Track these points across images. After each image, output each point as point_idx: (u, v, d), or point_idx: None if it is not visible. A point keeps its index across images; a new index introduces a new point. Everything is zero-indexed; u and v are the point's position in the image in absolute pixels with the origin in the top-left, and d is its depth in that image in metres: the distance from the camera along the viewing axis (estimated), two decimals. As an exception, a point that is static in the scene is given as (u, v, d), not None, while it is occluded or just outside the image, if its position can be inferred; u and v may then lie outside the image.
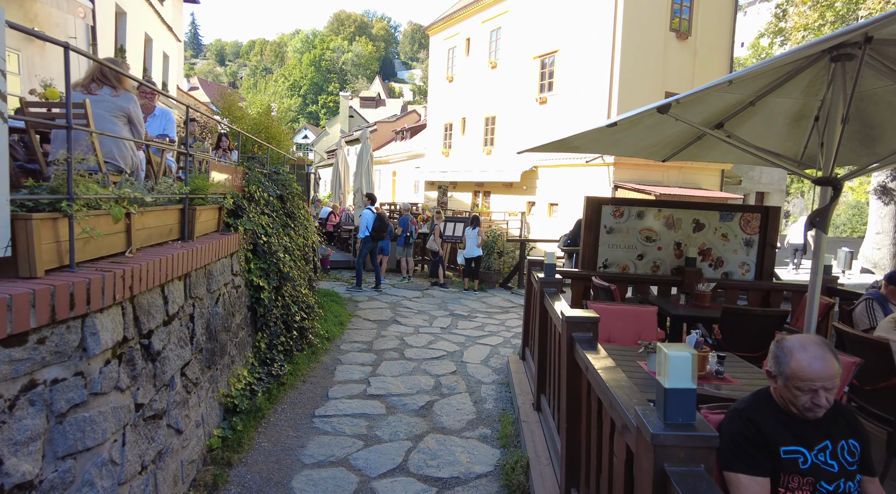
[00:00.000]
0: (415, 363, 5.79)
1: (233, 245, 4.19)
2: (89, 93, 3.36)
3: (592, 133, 4.40)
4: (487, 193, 21.73)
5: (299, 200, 6.88)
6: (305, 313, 5.80)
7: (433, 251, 10.80)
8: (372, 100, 67.40)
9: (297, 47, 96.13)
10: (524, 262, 10.92)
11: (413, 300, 9.23)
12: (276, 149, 8.50)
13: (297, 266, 5.98)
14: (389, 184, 32.61)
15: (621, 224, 5.48)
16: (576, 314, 2.69)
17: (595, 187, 16.60)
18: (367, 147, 14.16)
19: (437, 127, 25.39)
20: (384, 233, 9.79)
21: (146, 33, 14.78)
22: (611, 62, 15.94)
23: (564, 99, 17.77)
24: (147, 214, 2.88)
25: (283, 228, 5.70)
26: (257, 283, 4.75)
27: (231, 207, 4.39)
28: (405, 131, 33.62)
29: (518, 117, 19.75)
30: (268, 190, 5.41)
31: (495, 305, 9.28)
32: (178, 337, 3.00)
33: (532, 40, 19.17)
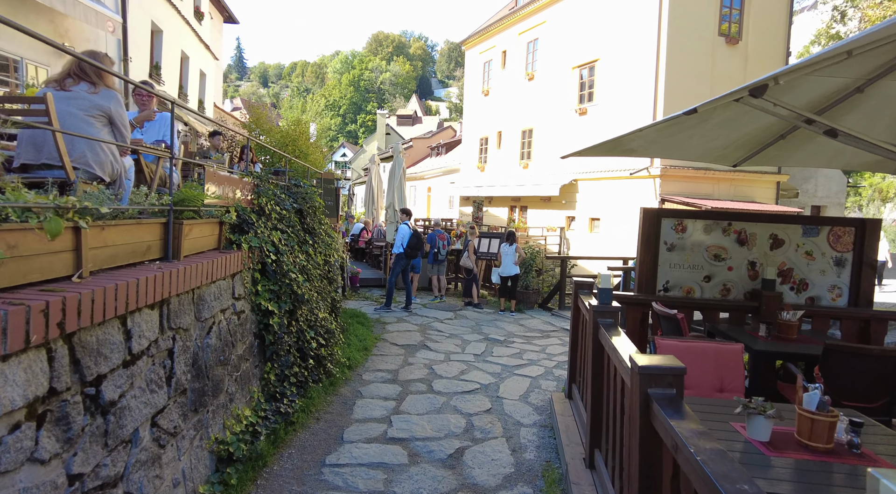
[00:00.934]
0: (444, 398, 5.11)
1: (234, 264, 3.65)
2: (62, 89, 2.90)
3: (653, 130, 3.69)
4: (524, 208, 20.98)
5: (322, 215, 6.37)
6: (324, 339, 5.22)
7: (467, 268, 10.14)
8: (409, 117, 67.90)
9: (337, 68, 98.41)
10: (565, 281, 10.13)
11: (445, 322, 8.57)
12: (300, 162, 8.08)
13: (315, 287, 5.44)
14: (424, 200, 32.24)
15: (684, 240, 4.71)
16: (653, 363, 1.99)
17: (639, 201, 15.66)
18: (399, 161, 13.70)
19: (473, 141, 24.91)
20: (418, 251, 9.22)
21: (182, 51, 14.87)
22: (655, 70, 15.10)
23: (605, 109, 16.97)
24: (110, 230, 2.35)
25: (300, 245, 5.17)
26: (266, 307, 4.20)
27: (234, 222, 3.87)
28: (440, 147, 33.30)
29: (556, 129, 19.03)
30: (282, 203, 4.90)
31: (534, 329, 8.52)
32: (146, 379, 2.44)
33: (571, 50, 18.51)
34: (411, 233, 9.17)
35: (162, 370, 2.61)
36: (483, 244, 10.82)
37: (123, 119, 3.09)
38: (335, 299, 6.88)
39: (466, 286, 10.28)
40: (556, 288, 10.19)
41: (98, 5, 8.27)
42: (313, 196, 5.98)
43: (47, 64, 8.18)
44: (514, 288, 9.71)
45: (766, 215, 4.73)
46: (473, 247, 10.05)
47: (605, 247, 16.49)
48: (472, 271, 10.09)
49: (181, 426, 2.80)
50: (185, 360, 2.87)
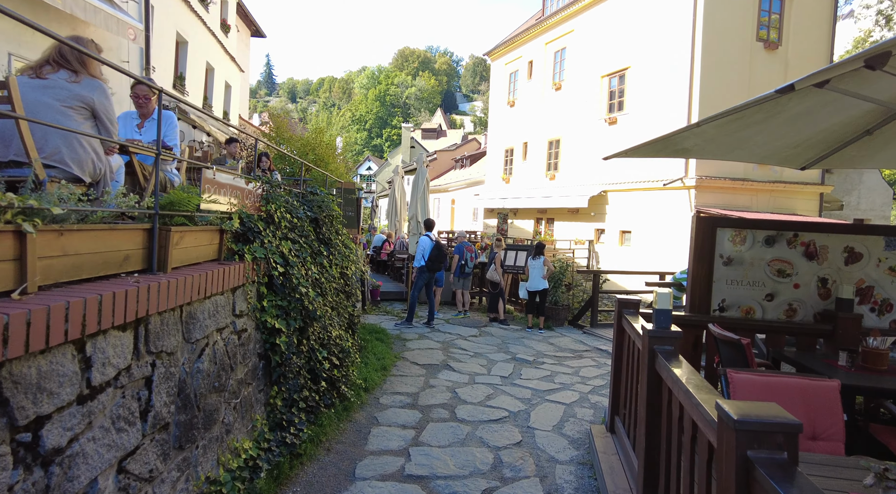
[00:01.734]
0: (469, 427, 4.60)
1: (235, 277, 3.25)
2: (39, 77, 2.56)
3: (712, 127, 3.18)
4: (551, 220, 20.40)
5: (339, 225, 5.98)
6: (338, 359, 4.79)
7: (493, 282, 9.63)
8: (433, 131, 68.08)
9: (364, 83, 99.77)
10: (598, 297, 9.54)
11: (469, 339, 8.07)
12: (319, 170, 7.75)
13: (329, 302, 5.02)
14: (448, 213, 31.88)
15: (743, 253, 4.14)
16: (752, 414, 1.47)
17: (673, 213, 14.98)
18: (422, 172, 13.33)
19: (498, 153, 24.50)
20: (441, 264, 8.76)
21: (208, 62, 14.88)
22: (689, 76, 14.49)
23: (637, 118, 16.37)
24: (72, 236, 1.96)
25: (314, 257, 4.77)
26: (272, 325, 3.79)
27: (238, 230, 3.48)
28: (465, 159, 33.00)
29: (585, 139, 18.49)
30: (295, 211, 4.52)
31: (565, 348, 7.95)
32: (112, 415, 2.02)
33: (600, 59, 18.02)
34: (433, 244, 8.73)
35: (135, 403, 2.19)
36: (509, 257, 10.31)
37: (109, 112, 2.74)
38: (353, 314, 6.46)
39: (492, 301, 9.77)
40: (588, 304, 9.59)
41: (119, 13, 8.15)
42: (330, 204, 5.60)
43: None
44: (543, 304, 9.15)
45: (840, 225, 4.13)
46: (500, 259, 9.55)
47: (637, 261, 15.80)
48: (499, 285, 9.57)
49: (160, 468, 2.37)
50: (167, 389, 2.45)
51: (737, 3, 14.39)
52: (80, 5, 7.38)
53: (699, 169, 14.42)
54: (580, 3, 18.84)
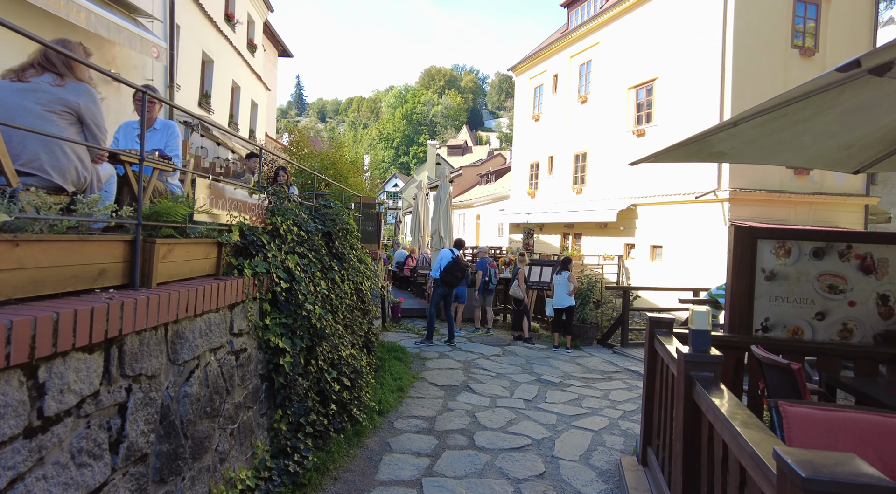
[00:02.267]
0: (488, 456, 4.27)
1: (232, 293, 3.04)
2: (20, 81, 2.42)
3: (750, 127, 2.86)
4: (578, 235, 19.93)
5: (354, 239, 5.78)
6: (349, 380, 4.53)
7: (517, 298, 9.28)
8: (459, 147, 68.28)
9: (391, 102, 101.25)
10: (628, 315, 9.08)
11: (491, 358, 7.73)
12: (337, 184, 7.61)
13: (341, 319, 4.79)
14: (473, 228, 31.64)
15: (789, 267, 3.75)
16: (828, 472, 1.15)
17: (706, 227, 14.40)
18: (445, 187, 13.16)
19: (523, 167, 24.22)
20: (457, 278, 8.48)
21: (234, 81, 15.10)
22: (720, 85, 14.01)
23: (665, 129, 15.91)
24: (30, 247, 1.77)
25: (324, 272, 4.56)
26: (276, 344, 3.57)
27: (238, 243, 3.29)
28: (490, 174, 32.82)
29: (612, 152, 18.07)
30: (304, 224, 4.32)
31: (594, 369, 7.53)
32: (73, 449, 1.80)
33: (626, 70, 17.68)
34: (452, 258, 8.46)
35: (104, 433, 1.97)
36: (534, 272, 9.96)
37: (97, 118, 2.58)
38: (369, 332, 6.22)
39: (516, 318, 9.41)
40: (618, 322, 9.14)
41: (143, 31, 8.25)
42: (344, 218, 5.40)
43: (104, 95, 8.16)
44: (570, 322, 8.75)
45: (899, 235, 3.71)
46: (523, 275, 9.20)
47: (669, 276, 15.20)
48: (523, 302, 9.22)
49: (134, 506, 2.14)
50: (146, 416, 2.23)
51: (769, 11, 13.92)
52: (104, 24, 7.48)
53: (733, 181, 13.85)
54: (606, 15, 18.60)
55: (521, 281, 9.10)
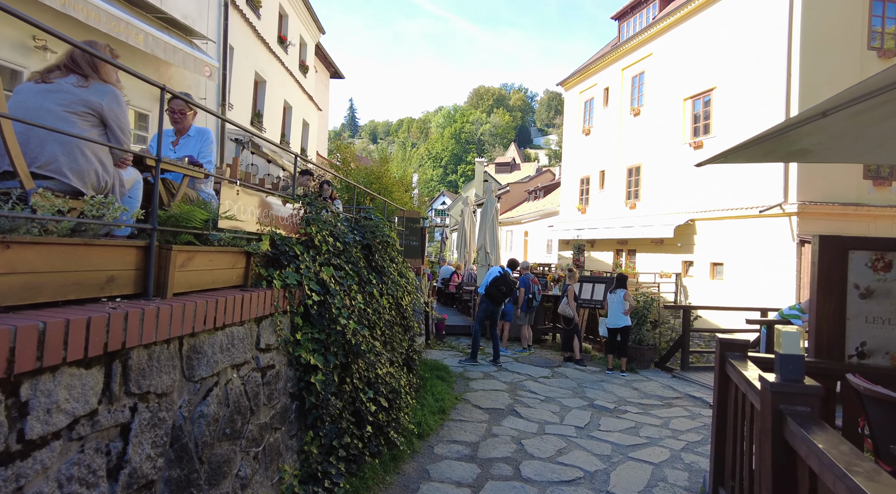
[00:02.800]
0: (535, 489, 3.88)
1: (260, 306, 2.86)
2: (44, 82, 2.33)
3: (843, 117, 2.44)
4: (632, 252, 19.12)
5: (394, 252, 5.57)
6: (387, 400, 4.27)
7: (566, 317, 8.80)
8: (507, 165, 68.22)
9: (440, 122, 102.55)
10: (689, 336, 8.43)
11: (540, 381, 7.29)
12: (380, 197, 7.48)
13: (379, 335, 4.56)
14: (521, 244, 31.11)
15: (889, 282, 3.23)
16: None
17: (771, 243, 13.44)
18: (491, 202, 12.87)
19: (573, 182, 23.64)
20: (501, 292, 8.13)
21: (286, 101, 15.49)
22: (786, 94, 13.15)
23: (725, 140, 15.07)
24: (23, 249, 1.61)
25: (362, 285, 4.35)
26: (307, 361, 3.36)
27: (269, 253, 3.12)
28: (538, 190, 32.31)
29: (667, 165, 17.32)
30: (341, 236, 4.15)
31: (652, 394, 6.96)
32: (61, 477, 1.61)
33: (681, 81, 16.99)
34: (500, 273, 8.13)
35: (101, 458, 1.78)
36: (585, 290, 9.48)
37: (121, 120, 2.47)
38: (411, 349, 5.97)
39: (566, 338, 8.93)
40: (678, 344, 8.50)
41: (197, 52, 8.51)
42: (385, 230, 5.21)
43: (149, 109, 8.48)
44: (625, 344, 8.18)
45: None
46: (573, 292, 8.74)
47: (731, 295, 14.25)
48: (573, 321, 8.73)
49: (136, 540, 1.93)
50: (153, 439, 2.03)
51: (841, 12, 13.01)
52: (161, 46, 7.73)
53: (801, 193, 12.88)
54: (659, 25, 18.02)
55: (571, 298, 8.64)
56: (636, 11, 20.78)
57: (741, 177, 14.40)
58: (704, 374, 8.06)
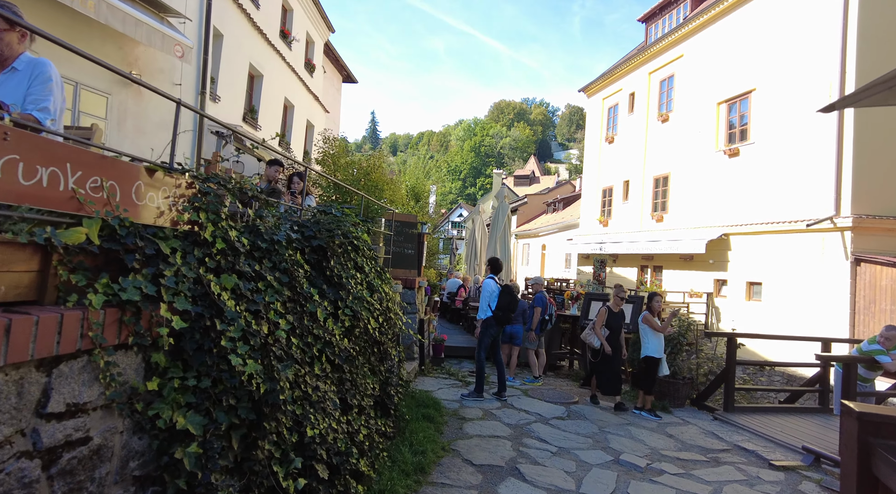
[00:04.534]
0: None
1: (53, 337, 1.62)
2: None
3: None
4: (658, 268, 17.59)
5: (364, 259, 4.31)
6: (328, 468, 2.99)
7: (592, 348, 7.05)
8: (526, 178, 66.87)
9: (460, 136, 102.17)
10: (735, 369, 6.97)
11: (551, 423, 5.92)
12: (363, 194, 6.26)
13: (322, 373, 3.28)
14: (538, 258, 29.66)
15: None
16: None
17: (820, 261, 11.87)
18: (504, 209, 11.61)
19: (594, 193, 22.22)
20: (512, 314, 6.83)
21: (286, 99, 14.48)
22: (840, 92, 11.65)
23: (765, 147, 13.62)
24: None
25: (298, 303, 3.09)
26: (174, 422, 2.10)
27: (93, 248, 1.90)
28: (557, 202, 30.90)
29: (699, 175, 15.87)
30: (266, 232, 2.91)
31: (692, 444, 5.54)
32: None
33: (715, 83, 15.59)
34: (500, 289, 6.82)
35: None
36: (594, 310, 8.10)
37: None
38: (390, 383, 4.69)
39: (603, 378, 6.88)
40: (721, 378, 7.02)
41: (166, 28, 7.46)
42: (347, 226, 3.95)
43: (108, 92, 7.43)
44: (647, 378, 6.68)
45: None
46: (604, 317, 6.92)
47: (769, 319, 12.72)
48: (600, 353, 6.85)
49: None
50: None
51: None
52: (119, 17, 6.69)
53: (856, 205, 11.32)
54: (690, 25, 16.68)
55: (600, 324, 6.97)
56: (665, 12, 19.49)
57: (784, 187, 12.89)
58: (753, 418, 6.61)
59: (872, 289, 10.99)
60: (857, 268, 11.28)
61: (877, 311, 10.87)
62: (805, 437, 5.87)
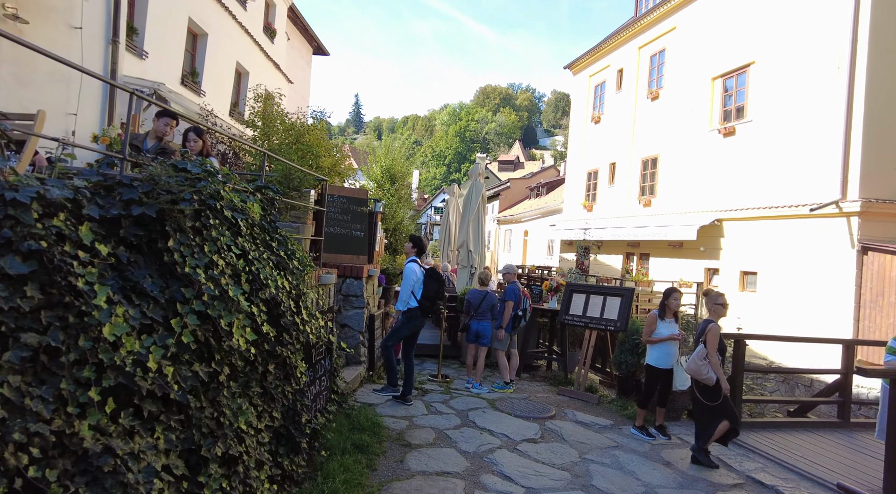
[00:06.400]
0: None
1: None
2: None
3: None
4: (645, 256, 16.54)
5: (249, 240, 3.00)
6: None
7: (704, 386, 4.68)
8: (510, 163, 65.63)
9: (445, 120, 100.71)
10: (743, 378, 5.83)
11: (520, 449, 4.71)
12: (284, 160, 4.93)
13: (163, 415, 2.00)
14: (520, 245, 28.52)
15: None
16: None
17: (822, 249, 10.85)
18: (477, 187, 10.35)
19: (579, 176, 21.05)
20: (434, 305, 5.65)
21: (238, 64, 12.95)
22: (849, 65, 10.52)
23: (764, 125, 12.52)
24: None
25: (79, 312, 1.80)
26: None
27: None
28: (540, 187, 29.72)
29: (690, 156, 14.76)
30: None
31: (695, 476, 4.39)
32: None
33: (711, 57, 14.43)
34: (424, 273, 5.62)
35: None
36: (576, 303, 6.91)
37: None
38: (297, 408, 3.44)
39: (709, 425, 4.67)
40: (725, 388, 5.87)
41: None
42: (212, 191, 2.63)
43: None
44: (645, 389, 5.50)
45: None
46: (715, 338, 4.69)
47: (765, 312, 11.76)
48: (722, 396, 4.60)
49: None
50: None
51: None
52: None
53: (865, 188, 10.27)
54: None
55: (714, 349, 4.67)
56: (657, -19, 18.21)
57: (784, 168, 11.81)
58: (764, 436, 5.50)
59: (881, 281, 9.98)
60: (864, 258, 10.26)
61: (885, 305, 9.88)
62: (832, 464, 4.77)
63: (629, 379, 6.68)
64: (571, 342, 8.01)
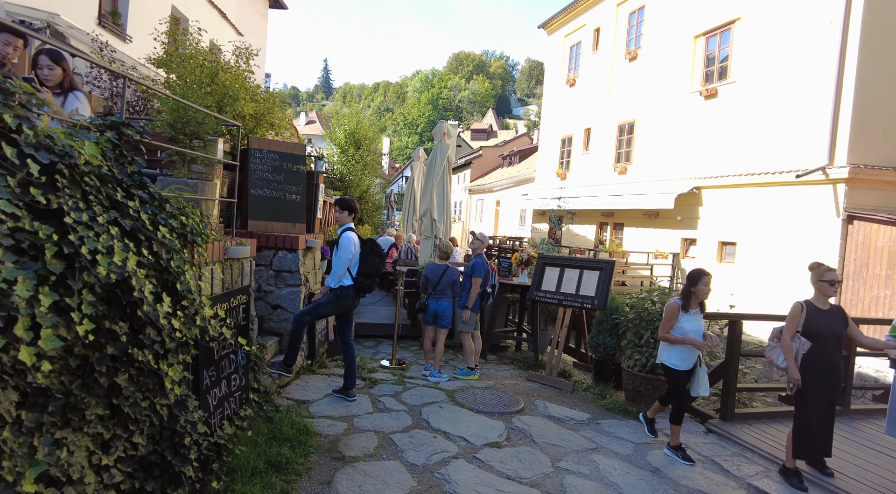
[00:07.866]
0: None
1: None
2: None
3: None
4: (619, 226, 15.88)
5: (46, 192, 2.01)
6: None
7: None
8: (483, 132, 64.30)
9: (417, 87, 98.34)
10: (738, 364, 5.08)
11: (480, 457, 3.88)
12: (189, 104, 3.84)
13: None
14: (492, 215, 27.68)
15: None
16: None
17: (806, 218, 10.27)
18: (442, 148, 9.33)
19: (552, 143, 20.14)
20: (372, 283, 4.69)
21: (175, 8, 11.45)
22: (843, 22, 9.74)
23: (747, 87, 11.75)
24: None
25: None
26: None
27: None
28: (513, 155, 28.75)
29: (669, 121, 13.96)
30: None
31: (689, 487, 3.64)
32: None
33: (693, 14, 13.52)
34: (360, 245, 4.62)
35: None
36: (549, 278, 6.09)
37: None
38: (175, 429, 2.51)
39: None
40: (718, 375, 5.11)
41: None
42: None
43: None
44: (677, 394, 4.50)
45: None
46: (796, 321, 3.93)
47: (744, 284, 11.19)
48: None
49: None
50: None
51: None
52: None
53: (853, 154, 9.65)
54: (667, -56, 14.38)
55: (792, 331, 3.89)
56: (638, -67, 17.04)
57: (768, 132, 11.12)
58: (760, 430, 4.83)
59: (865, 251, 9.47)
60: (850, 227, 9.72)
61: (869, 276, 9.40)
62: (841, 465, 4.11)
63: (607, 363, 5.94)
64: (543, 320, 7.24)
